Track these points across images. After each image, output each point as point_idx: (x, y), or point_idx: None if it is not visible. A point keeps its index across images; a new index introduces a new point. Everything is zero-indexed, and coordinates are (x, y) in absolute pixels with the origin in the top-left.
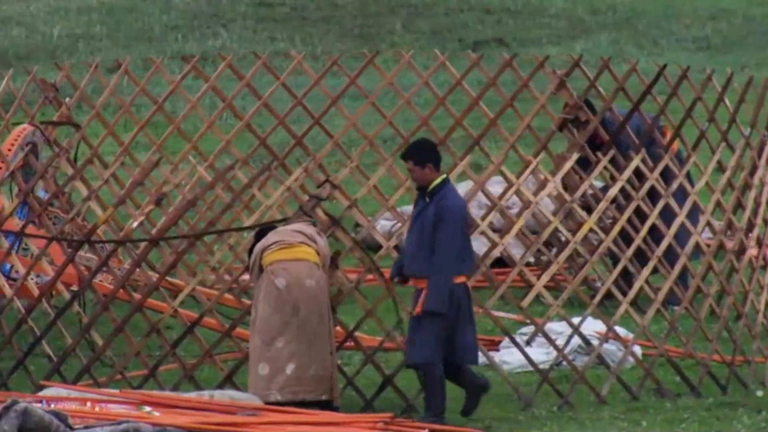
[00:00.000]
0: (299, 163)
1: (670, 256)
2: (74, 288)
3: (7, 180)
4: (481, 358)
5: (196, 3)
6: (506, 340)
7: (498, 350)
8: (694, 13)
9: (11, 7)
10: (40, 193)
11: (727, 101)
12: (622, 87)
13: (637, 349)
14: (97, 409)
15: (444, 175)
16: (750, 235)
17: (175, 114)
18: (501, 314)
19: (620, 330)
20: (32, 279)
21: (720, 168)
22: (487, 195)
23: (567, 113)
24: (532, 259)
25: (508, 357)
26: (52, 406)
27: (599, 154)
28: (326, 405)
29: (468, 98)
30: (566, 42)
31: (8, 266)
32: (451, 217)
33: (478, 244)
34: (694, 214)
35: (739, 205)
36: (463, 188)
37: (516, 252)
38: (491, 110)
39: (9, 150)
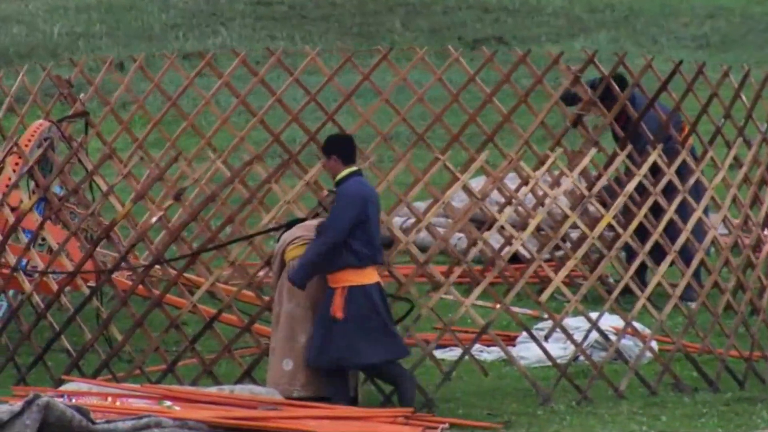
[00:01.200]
0: (318, 158)
1: (683, 251)
2: (92, 284)
3: (23, 176)
4: (499, 353)
5: (195, 1)
6: (522, 336)
7: (515, 345)
8: (693, 12)
9: (10, 5)
10: (56, 189)
11: (743, 97)
12: (638, 83)
13: (654, 344)
14: (118, 403)
15: (353, 168)
16: (767, 230)
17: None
18: (516, 309)
19: (636, 325)
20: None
21: (736, 163)
22: (502, 191)
23: (581, 109)
24: (547, 255)
25: (525, 352)
26: (73, 400)
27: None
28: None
29: (474, 95)
30: (565, 40)
31: (25, 261)
32: (346, 200)
33: (493, 241)
34: (705, 209)
35: (755, 201)
36: (477, 184)
37: (530, 247)
38: (500, 107)
39: (26, 146)
